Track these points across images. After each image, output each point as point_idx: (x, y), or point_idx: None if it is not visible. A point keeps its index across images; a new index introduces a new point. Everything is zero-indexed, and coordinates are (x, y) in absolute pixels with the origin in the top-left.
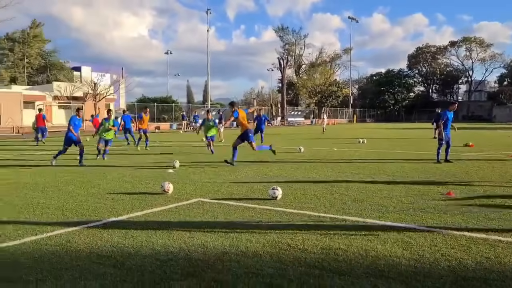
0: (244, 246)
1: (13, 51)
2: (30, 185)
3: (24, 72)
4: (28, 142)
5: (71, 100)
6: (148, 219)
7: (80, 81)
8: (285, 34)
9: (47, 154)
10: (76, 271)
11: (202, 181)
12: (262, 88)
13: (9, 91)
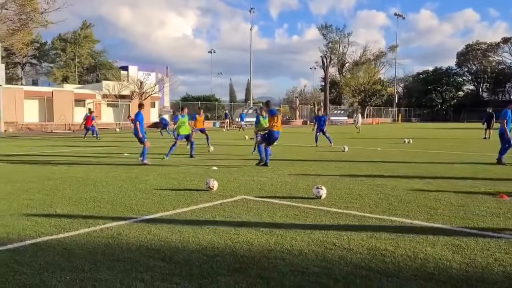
0: (289, 244)
1: (65, 51)
2: (82, 180)
3: (75, 72)
4: (79, 139)
5: (119, 99)
6: (194, 215)
7: (127, 80)
8: (328, 32)
9: (97, 149)
10: (127, 263)
11: (246, 179)
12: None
13: (62, 89)
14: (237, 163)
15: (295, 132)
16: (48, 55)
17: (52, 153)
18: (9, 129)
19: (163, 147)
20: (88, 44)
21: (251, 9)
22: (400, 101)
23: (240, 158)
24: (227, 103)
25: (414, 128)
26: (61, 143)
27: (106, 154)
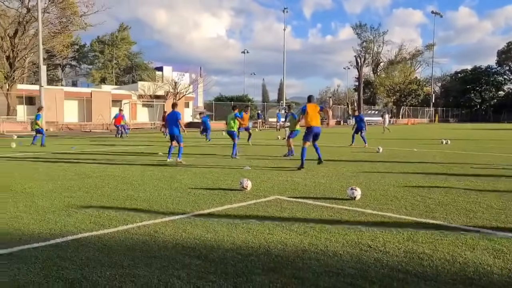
0: (324, 245)
1: (103, 53)
2: (119, 178)
3: (112, 73)
4: (116, 138)
5: (154, 99)
6: (228, 214)
7: (162, 81)
8: (363, 31)
9: (133, 149)
10: (164, 260)
11: (279, 179)
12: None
13: (100, 90)
14: (270, 163)
15: (328, 133)
16: (87, 57)
17: (90, 152)
18: (50, 129)
19: (199, 147)
20: (125, 46)
21: (284, 9)
22: (437, 101)
23: (273, 158)
24: (260, 103)
25: (451, 128)
26: (99, 142)
27: (142, 154)
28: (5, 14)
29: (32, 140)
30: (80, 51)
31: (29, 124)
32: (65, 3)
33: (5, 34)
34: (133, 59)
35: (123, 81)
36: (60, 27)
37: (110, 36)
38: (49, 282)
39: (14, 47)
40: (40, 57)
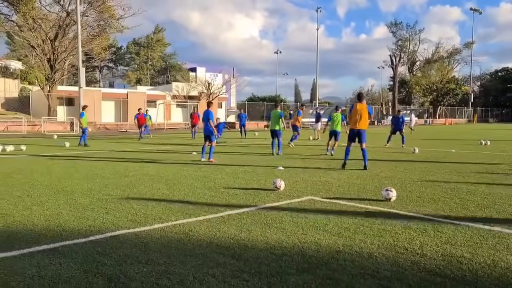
0: (358, 247)
1: (139, 54)
2: (155, 177)
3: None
4: (152, 138)
5: (187, 99)
6: (262, 214)
7: (195, 81)
8: (398, 29)
9: (167, 148)
10: (199, 258)
11: (313, 179)
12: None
13: (135, 91)
14: (303, 163)
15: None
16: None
17: (126, 151)
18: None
19: (232, 146)
20: (159, 47)
21: (317, 9)
22: (476, 100)
23: (306, 158)
24: (292, 104)
25: (491, 129)
26: (134, 141)
27: (176, 153)
28: (46, 18)
29: (83, 139)
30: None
31: (69, 124)
32: (103, 7)
33: (46, 38)
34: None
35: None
36: (98, 30)
37: (145, 38)
38: (88, 277)
39: (54, 50)
40: (79, 60)
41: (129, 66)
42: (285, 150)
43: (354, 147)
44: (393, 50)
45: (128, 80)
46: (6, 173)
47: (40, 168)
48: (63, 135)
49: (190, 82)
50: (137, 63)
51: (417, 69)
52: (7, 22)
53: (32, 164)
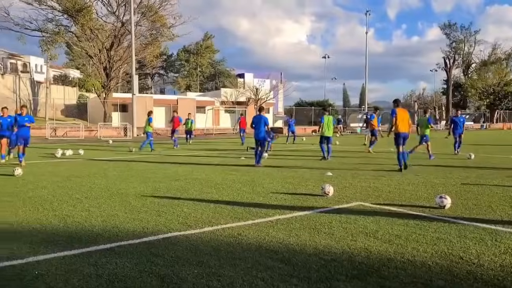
0: (410, 254)
1: (188, 61)
2: (204, 182)
3: (197, 80)
4: (199, 143)
5: (236, 105)
6: (310, 219)
7: (243, 87)
8: (452, 31)
9: (216, 153)
10: (248, 262)
11: (362, 185)
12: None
13: (185, 97)
14: (352, 169)
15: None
16: (174, 65)
17: (177, 155)
18: (141, 134)
19: (279, 151)
20: (208, 54)
21: (366, 12)
22: None
23: (355, 164)
24: (341, 108)
25: None
26: (183, 146)
27: (224, 158)
28: (103, 28)
29: (149, 145)
30: (167, 60)
31: (122, 130)
32: (155, 16)
33: (102, 47)
34: (216, 66)
35: (207, 88)
36: (151, 38)
37: (195, 45)
38: (143, 276)
39: (110, 59)
40: (132, 67)
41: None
42: (335, 155)
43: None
44: (446, 52)
45: (178, 86)
46: (66, 176)
47: (97, 171)
48: (117, 140)
49: (238, 88)
50: (187, 70)
51: (473, 71)
52: (66, 33)
53: (89, 168)
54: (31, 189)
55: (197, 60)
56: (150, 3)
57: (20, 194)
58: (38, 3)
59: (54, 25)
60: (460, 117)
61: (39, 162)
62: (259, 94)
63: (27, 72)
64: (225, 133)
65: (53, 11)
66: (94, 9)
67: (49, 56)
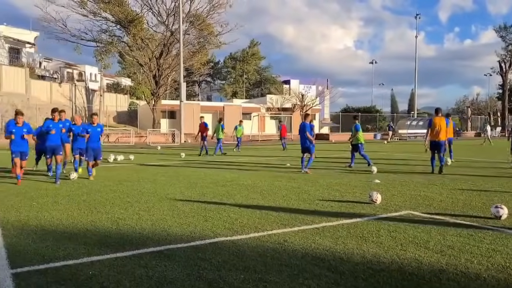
0: (464, 266)
1: (235, 68)
2: (250, 187)
3: (243, 87)
4: (244, 149)
5: (281, 111)
6: (357, 227)
7: (289, 93)
8: (508, 33)
9: (261, 159)
10: (294, 269)
11: (411, 193)
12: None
13: (231, 104)
14: (401, 177)
15: (466, 145)
16: (220, 73)
17: (223, 161)
18: (188, 140)
19: (325, 158)
20: (254, 61)
21: (416, 15)
22: None
23: (404, 172)
24: (388, 114)
25: None
26: (230, 152)
27: (270, 164)
28: (153, 37)
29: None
30: (214, 67)
31: (170, 136)
32: (203, 25)
33: (152, 56)
34: (262, 73)
35: (252, 94)
36: (198, 46)
37: (241, 52)
38: (191, 280)
39: (159, 67)
40: (181, 75)
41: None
42: (383, 162)
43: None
44: (502, 55)
45: (224, 93)
46: (117, 181)
47: (147, 176)
48: (166, 146)
49: (284, 94)
50: (233, 77)
51: None
52: (119, 43)
53: (139, 173)
54: (86, 192)
55: (243, 67)
56: (198, 12)
57: (75, 198)
58: (93, 15)
59: (108, 35)
60: None
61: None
62: (305, 100)
63: (82, 81)
64: (270, 140)
65: (107, 22)
66: (145, 20)
67: (103, 65)
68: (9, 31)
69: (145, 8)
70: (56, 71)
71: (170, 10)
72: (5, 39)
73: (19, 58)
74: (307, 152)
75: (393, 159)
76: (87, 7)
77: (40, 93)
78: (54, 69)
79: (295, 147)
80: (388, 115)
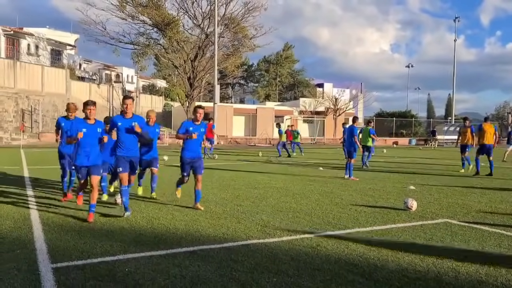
0: (505, 278)
1: (268, 71)
2: (282, 190)
3: (276, 90)
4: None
5: (314, 115)
6: (392, 234)
7: (322, 97)
8: None
9: (293, 163)
10: (327, 274)
11: (449, 201)
12: None
13: (264, 106)
14: (438, 183)
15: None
16: (254, 75)
17: (254, 164)
18: (220, 142)
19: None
20: (288, 64)
21: (455, 18)
22: None
23: (441, 178)
24: (424, 120)
25: None
26: (263, 154)
27: (303, 168)
28: (188, 40)
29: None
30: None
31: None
32: (237, 28)
33: (187, 58)
34: (296, 76)
35: (285, 97)
36: (233, 49)
37: (275, 55)
38: (224, 281)
39: (194, 69)
40: (215, 77)
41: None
42: (418, 167)
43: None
44: None
45: (257, 96)
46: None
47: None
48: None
49: (317, 98)
50: (266, 80)
51: None
52: (156, 45)
53: (173, 174)
54: None
55: (276, 70)
56: (233, 15)
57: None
58: (131, 18)
59: (145, 38)
60: None
61: None
62: (338, 104)
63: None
64: (302, 143)
65: (144, 25)
66: (181, 23)
67: (140, 67)
68: (51, 33)
69: (181, 11)
70: (95, 72)
71: (206, 13)
72: (48, 41)
73: (60, 60)
74: (350, 157)
75: (428, 163)
76: (126, 10)
77: (80, 94)
78: (93, 71)
79: (324, 150)
80: (424, 120)
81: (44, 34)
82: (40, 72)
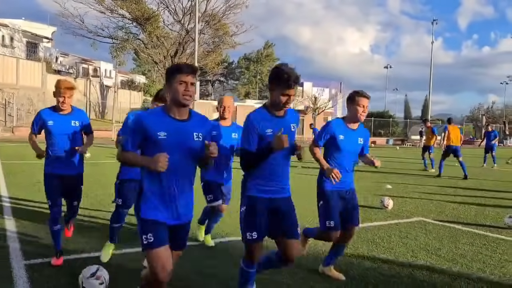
0: (476, 276)
1: (248, 69)
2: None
3: (256, 88)
4: None
5: None
6: (368, 232)
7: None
8: None
9: None
10: (305, 271)
11: (424, 200)
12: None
13: (244, 104)
14: (413, 182)
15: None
16: (234, 73)
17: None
18: None
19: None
20: (268, 62)
21: (433, 21)
22: None
23: (416, 177)
24: (401, 120)
25: None
26: None
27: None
28: (168, 36)
29: None
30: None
31: None
32: (218, 25)
33: (167, 54)
34: None
35: (265, 95)
36: (213, 46)
37: (256, 53)
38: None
39: None
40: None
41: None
42: (395, 166)
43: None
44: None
45: (237, 93)
46: None
47: None
48: None
49: (296, 97)
50: (247, 77)
51: None
52: (135, 40)
53: None
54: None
55: (257, 68)
56: (214, 12)
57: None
58: (110, 11)
59: (124, 32)
60: (492, 132)
61: (106, 162)
62: (318, 103)
63: (97, 77)
64: None
65: (124, 19)
66: (161, 18)
67: (118, 62)
68: (27, 25)
69: (162, 6)
70: (72, 66)
71: (186, 9)
72: (23, 33)
73: (36, 53)
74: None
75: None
76: (104, 3)
77: None
78: (70, 64)
79: None
80: (401, 121)
81: (20, 25)
82: (15, 65)
